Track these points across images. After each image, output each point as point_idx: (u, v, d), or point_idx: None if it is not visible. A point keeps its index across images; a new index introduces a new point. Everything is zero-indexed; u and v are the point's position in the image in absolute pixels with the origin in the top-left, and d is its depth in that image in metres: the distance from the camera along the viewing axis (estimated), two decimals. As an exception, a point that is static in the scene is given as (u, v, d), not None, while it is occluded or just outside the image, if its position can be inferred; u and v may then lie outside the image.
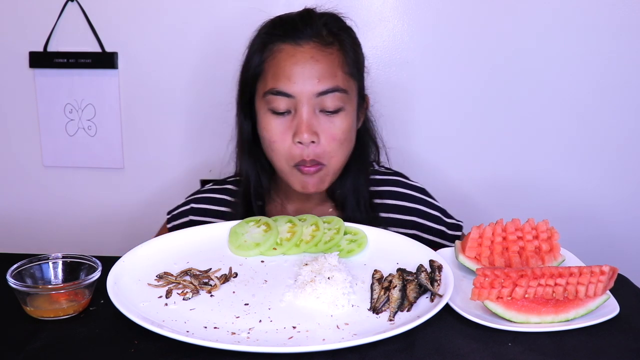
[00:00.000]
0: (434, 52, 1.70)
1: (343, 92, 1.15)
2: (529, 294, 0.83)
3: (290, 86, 1.13)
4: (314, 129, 1.13)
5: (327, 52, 1.15)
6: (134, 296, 0.86)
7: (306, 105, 1.13)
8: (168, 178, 1.84)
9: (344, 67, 1.17)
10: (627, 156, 1.72)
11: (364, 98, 1.28)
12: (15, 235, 1.93)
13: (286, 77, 1.13)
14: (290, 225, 1.06)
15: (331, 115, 1.15)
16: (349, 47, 1.20)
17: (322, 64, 1.14)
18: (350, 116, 1.18)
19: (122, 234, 1.88)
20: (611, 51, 1.65)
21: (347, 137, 1.18)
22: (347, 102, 1.17)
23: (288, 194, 1.30)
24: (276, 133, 1.16)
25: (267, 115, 1.16)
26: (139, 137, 1.83)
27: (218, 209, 1.32)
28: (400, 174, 1.37)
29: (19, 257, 0.89)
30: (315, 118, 1.14)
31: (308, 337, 0.77)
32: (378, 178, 1.33)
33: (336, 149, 1.17)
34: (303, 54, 1.14)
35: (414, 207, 1.29)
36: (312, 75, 1.13)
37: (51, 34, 1.76)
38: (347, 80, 1.17)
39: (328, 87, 1.13)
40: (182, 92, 1.79)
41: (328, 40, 1.16)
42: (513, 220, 0.98)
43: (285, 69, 1.14)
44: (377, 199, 1.28)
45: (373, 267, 0.95)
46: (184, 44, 1.75)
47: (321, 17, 1.20)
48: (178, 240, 1.04)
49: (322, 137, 1.14)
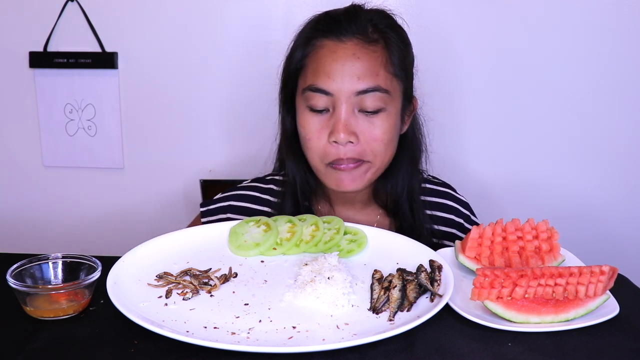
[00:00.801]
0: (434, 53, 1.70)
1: (384, 92, 1.11)
2: (529, 294, 0.83)
3: (329, 83, 1.09)
4: (352, 128, 1.10)
5: (371, 49, 1.11)
6: (134, 296, 0.86)
7: (345, 104, 1.09)
8: (168, 178, 1.84)
9: (387, 67, 1.12)
10: (627, 156, 1.72)
11: (411, 100, 1.22)
12: (15, 235, 1.93)
13: (325, 74, 1.09)
14: (290, 225, 1.06)
15: (371, 115, 1.11)
16: (395, 46, 1.14)
17: (364, 61, 1.09)
18: (393, 117, 1.14)
19: (122, 234, 1.88)
20: (613, 52, 1.65)
21: (390, 139, 1.14)
22: (388, 103, 1.12)
23: (334, 196, 1.26)
24: (312, 130, 1.12)
25: (305, 112, 1.13)
26: (139, 137, 1.83)
27: (261, 208, 1.28)
28: (449, 185, 1.35)
29: (19, 257, 0.89)
30: (353, 118, 1.10)
31: (308, 337, 0.77)
32: (430, 188, 1.30)
33: (379, 149, 1.13)
34: (345, 51, 1.10)
35: (457, 222, 1.28)
36: (352, 73, 1.08)
37: (51, 34, 1.76)
38: (390, 80, 1.12)
39: (368, 86, 1.09)
40: (182, 92, 1.79)
41: (373, 37, 1.12)
42: (513, 220, 0.98)
43: (325, 65, 1.10)
44: (428, 209, 1.25)
45: (373, 267, 0.95)
46: (184, 44, 1.75)
47: (368, 13, 1.16)
48: (178, 240, 1.04)
49: (362, 137, 1.11)
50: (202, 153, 1.82)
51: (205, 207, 1.31)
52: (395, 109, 1.14)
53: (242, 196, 1.30)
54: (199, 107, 1.79)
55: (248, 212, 1.27)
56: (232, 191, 1.32)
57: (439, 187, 1.32)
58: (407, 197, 1.22)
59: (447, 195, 1.30)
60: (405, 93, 1.18)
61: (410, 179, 1.23)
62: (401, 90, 1.16)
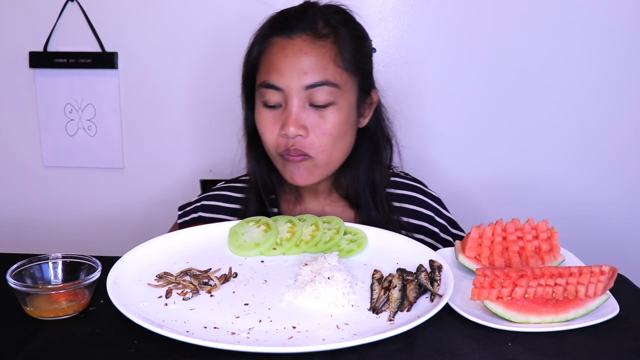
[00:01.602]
0: (434, 52, 1.70)
1: (334, 86, 1.13)
2: (529, 294, 0.83)
3: (279, 79, 1.13)
4: (302, 122, 1.13)
5: (319, 44, 1.14)
6: (134, 296, 0.86)
7: (295, 99, 1.12)
8: (168, 178, 1.84)
9: (336, 61, 1.14)
10: (627, 156, 1.72)
11: (370, 93, 1.24)
12: (15, 235, 1.93)
13: (276, 70, 1.13)
14: (290, 225, 1.06)
15: (321, 109, 1.14)
16: (347, 41, 1.17)
17: (312, 57, 1.13)
18: (344, 111, 1.16)
19: (122, 234, 1.88)
20: (612, 51, 1.65)
21: (340, 132, 1.16)
22: (339, 97, 1.15)
23: (299, 190, 1.29)
24: (266, 124, 1.16)
25: (261, 108, 1.17)
26: (139, 137, 1.83)
27: (228, 206, 1.32)
28: (420, 181, 1.36)
29: (19, 257, 0.89)
30: (304, 112, 1.13)
31: (308, 337, 0.77)
32: (399, 181, 1.32)
33: (327, 143, 1.15)
34: (293, 47, 1.13)
35: (426, 214, 1.28)
36: (301, 69, 1.12)
37: (51, 34, 1.76)
38: (340, 74, 1.15)
39: (316, 81, 1.12)
40: (182, 92, 1.79)
41: (322, 32, 1.15)
42: (513, 220, 0.98)
43: (275, 62, 1.14)
44: (396, 202, 1.28)
45: (373, 267, 0.95)
46: (184, 43, 1.75)
47: (320, 9, 1.19)
48: (178, 240, 1.04)
49: (312, 132, 1.14)
50: (202, 153, 1.82)
51: (182, 209, 1.36)
52: (347, 103, 1.17)
53: (212, 196, 1.35)
54: (199, 107, 1.79)
55: (218, 210, 1.32)
56: (206, 192, 1.38)
57: (409, 181, 1.33)
58: (369, 188, 1.24)
59: (416, 189, 1.31)
60: (362, 86, 1.21)
61: (372, 171, 1.25)
62: (355, 84, 1.19)
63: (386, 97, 1.31)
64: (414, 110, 1.74)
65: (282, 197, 1.31)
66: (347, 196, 1.27)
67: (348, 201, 1.27)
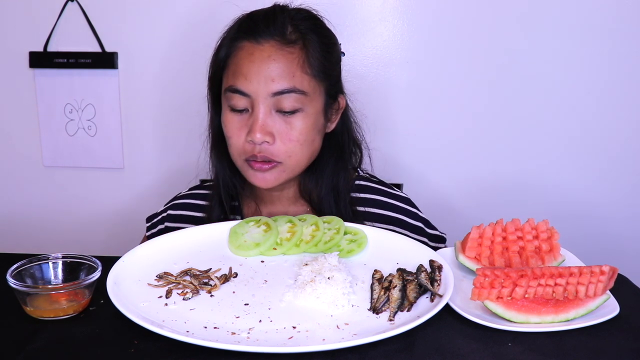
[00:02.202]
0: (434, 52, 1.70)
1: (301, 93, 1.12)
2: (529, 294, 0.83)
3: (246, 85, 1.12)
4: (268, 129, 1.12)
5: (287, 51, 1.12)
6: (134, 296, 0.86)
7: (261, 105, 1.11)
8: (168, 178, 1.84)
9: (304, 68, 1.13)
10: (626, 156, 1.72)
11: (337, 98, 1.23)
12: (15, 235, 1.93)
13: (243, 76, 1.12)
14: (290, 225, 1.06)
15: (288, 115, 1.13)
16: (315, 46, 1.15)
17: (280, 63, 1.11)
18: (311, 118, 1.15)
19: (122, 234, 1.88)
20: (610, 51, 1.65)
21: (307, 139, 1.15)
22: (306, 104, 1.14)
23: (260, 195, 1.28)
24: (232, 129, 1.15)
25: (227, 112, 1.16)
26: (139, 137, 1.83)
27: (193, 214, 1.31)
28: (384, 182, 1.33)
29: (19, 257, 0.89)
30: (270, 118, 1.12)
31: (308, 337, 0.77)
32: (362, 184, 1.30)
33: (294, 149, 1.14)
34: (261, 53, 1.12)
35: (396, 217, 1.26)
36: (268, 75, 1.11)
37: (51, 34, 1.76)
38: (307, 81, 1.14)
39: (284, 88, 1.11)
40: (182, 92, 1.79)
41: (290, 38, 1.13)
42: (513, 220, 0.98)
43: (242, 67, 1.13)
44: (359, 206, 1.25)
45: (373, 267, 0.95)
46: (184, 44, 1.75)
47: (289, 13, 1.17)
48: (178, 240, 1.04)
49: (278, 138, 1.13)
50: (202, 153, 1.81)
51: (150, 222, 1.36)
52: (314, 109, 1.16)
53: (178, 205, 1.34)
54: (199, 107, 1.79)
55: (183, 219, 1.31)
56: (171, 201, 1.36)
57: (373, 183, 1.31)
58: (332, 193, 1.23)
59: (381, 192, 1.29)
60: (329, 92, 1.20)
61: (337, 175, 1.24)
62: (322, 90, 1.18)
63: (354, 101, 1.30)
64: (414, 110, 1.74)
65: (244, 203, 1.30)
66: (310, 201, 1.25)
67: (311, 206, 1.25)
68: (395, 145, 1.75)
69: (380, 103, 1.73)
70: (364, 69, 1.72)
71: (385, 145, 1.72)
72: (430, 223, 1.29)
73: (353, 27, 1.69)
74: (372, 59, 1.72)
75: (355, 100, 1.32)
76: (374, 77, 1.73)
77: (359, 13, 1.70)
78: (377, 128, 1.73)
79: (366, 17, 1.70)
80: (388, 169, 1.72)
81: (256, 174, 1.16)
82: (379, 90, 1.73)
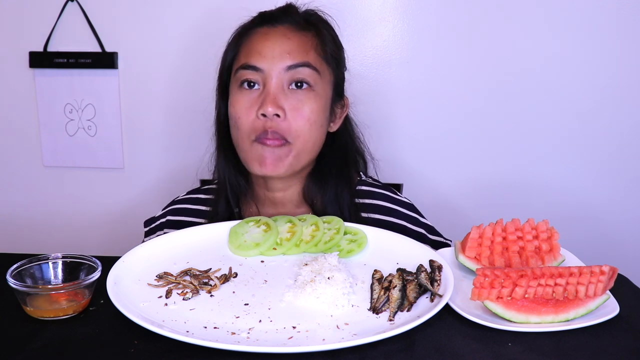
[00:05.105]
0: (434, 52, 1.70)
1: (314, 69, 1.14)
2: (529, 294, 0.83)
3: (260, 60, 1.12)
4: (280, 102, 1.11)
5: (302, 33, 1.16)
6: (134, 296, 0.86)
7: (275, 79, 1.12)
8: (168, 178, 1.84)
9: (317, 49, 1.16)
10: (626, 156, 1.72)
11: (342, 97, 1.25)
12: (15, 235, 1.93)
13: (257, 52, 1.13)
14: (290, 225, 1.06)
15: (300, 92, 1.13)
16: (328, 36, 1.20)
17: (294, 40, 1.14)
18: (321, 100, 1.16)
19: (122, 234, 1.88)
20: (609, 51, 1.65)
21: (317, 120, 1.15)
22: (318, 83, 1.15)
23: (262, 199, 1.27)
24: (241, 108, 1.14)
25: (236, 91, 1.16)
26: (139, 137, 1.83)
27: (194, 220, 1.29)
28: (388, 187, 1.31)
29: (19, 257, 0.89)
30: (283, 94, 1.13)
31: (308, 337, 0.77)
32: (365, 189, 1.28)
33: (303, 129, 1.13)
34: (276, 32, 1.15)
35: (399, 224, 1.24)
36: (283, 50, 1.12)
37: (51, 34, 1.77)
38: (320, 62, 1.16)
39: (298, 61, 1.12)
40: (183, 91, 1.79)
41: (305, 25, 1.17)
42: (513, 220, 0.98)
43: (257, 45, 1.14)
44: (363, 212, 1.24)
45: (373, 267, 0.95)
46: (184, 43, 1.75)
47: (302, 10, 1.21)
48: (178, 240, 1.04)
49: (289, 113, 1.12)
50: (202, 153, 1.81)
51: (148, 227, 1.34)
52: (324, 93, 1.17)
53: (177, 210, 1.32)
54: (199, 107, 1.79)
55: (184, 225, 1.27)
56: (170, 205, 1.35)
57: (377, 189, 1.29)
58: (334, 197, 1.21)
59: (384, 197, 1.26)
60: (336, 86, 1.21)
61: (341, 182, 1.22)
62: (331, 80, 1.20)
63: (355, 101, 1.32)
64: (414, 110, 1.74)
65: (246, 207, 1.27)
66: (313, 205, 1.23)
67: (314, 210, 1.23)
68: (395, 145, 1.75)
69: (380, 103, 1.73)
70: (364, 69, 1.72)
71: (385, 145, 1.72)
72: (434, 229, 1.27)
73: (353, 27, 1.69)
74: (372, 59, 1.72)
75: (356, 100, 1.32)
76: (374, 77, 1.73)
77: (359, 13, 1.70)
78: (377, 128, 1.73)
79: (366, 17, 1.70)
80: (388, 169, 1.72)
81: (265, 153, 1.13)
82: (379, 90, 1.73)
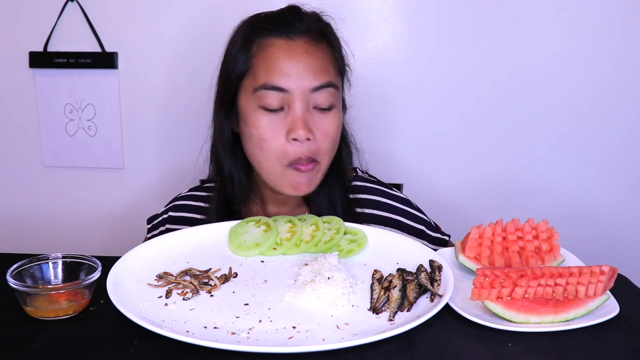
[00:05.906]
0: (434, 52, 1.70)
1: (335, 88, 1.13)
2: (529, 294, 0.83)
3: (284, 80, 1.08)
4: (309, 125, 1.10)
5: (319, 47, 1.13)
6: (134, 296, 0.86)
7: (301, 101, 1.09)
8: (168, 178, 1.84)
9: (334, 63, 1.15)
10: (626, 156, 1.72)
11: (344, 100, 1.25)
12: (15, 235, 1.93)
13: (280, 72, 1.09)
14: (290, 225, 1.06)
15: (324, 112, 1.12)
16: (337, 45, 1.18)
17: (317, 58, 1.11)
18: (340, 114, 1.16)
19: (122, 234, 1.88)
20: (609, 51, 1.65)
21: (337, 134, 1.15)
22: (337, 100, 1.15)
23: (265, 197, 1.26)
24: (267, 130, 1.10)
25: (258, 112, 1.11)
26: (139, 137, 1.83)
27: (195, 216, 1.29)
28: (382, 182, 1.31)
29: (19, 257, 0.89)
30: (309, 114, 1.10)
31: (308, 337, 0.77)
32: (360, 185, 1.27)
33: (329, 147, 1.13)
34: (297, 48, 1.10)
35: (396, 219, 1.23)
36: (308, 70, 1.09)
37: (51, 34, 1.77)
38: (337, 77, 1.15)
39: (323, 82, 1.10)
40: (182, 92, 1.79)
41: (319, 35, 1.14)
42: (513, 220, 0.98)
43: (278, 63, 1.09)
44: (357, 207, 1.23)
45: (373, 267, 0.95)
46: (185, 43, 1.75)
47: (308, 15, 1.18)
48: (178, 240, 1.04)
49: (316, 134, 1.11)
50: (202, 153, 1.81)
51: (150, 224, 1.34)
52: (340, 106, 1.17)
53: (179, 206, 1.32)
54: (199, 107, 1.79)
55: (184, 221, 1.29)
56: (172, 202, 1.34)
57: (371, 184, 1.29)
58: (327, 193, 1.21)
59: (378, 192, 1.26)
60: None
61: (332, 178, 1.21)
62: (342, 89, 1.20)
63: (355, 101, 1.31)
64: (414, 110, 1.74)
65: (248, 207, 1.26)
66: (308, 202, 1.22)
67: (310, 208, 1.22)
68: (395, 145, 1.75)
69: (380, 103, 1.73)
70: (364, 69, 1.72)
71: (385, 145, 1.72)
72: (431, 224, 1.27)
73: (353, 27, 1.69)
74: (372, 59, 1.72)
75: (356, 100, 1.32)
76: (374, 77, 1.73)
77: (359, 13, 1.70)
78: (377, 128, 1.74)
79: (366, 17, 1.70)
80: (388, 169, 1.72)
81: (300, 178, 1.12)
82: (379, 90, 1.73)
